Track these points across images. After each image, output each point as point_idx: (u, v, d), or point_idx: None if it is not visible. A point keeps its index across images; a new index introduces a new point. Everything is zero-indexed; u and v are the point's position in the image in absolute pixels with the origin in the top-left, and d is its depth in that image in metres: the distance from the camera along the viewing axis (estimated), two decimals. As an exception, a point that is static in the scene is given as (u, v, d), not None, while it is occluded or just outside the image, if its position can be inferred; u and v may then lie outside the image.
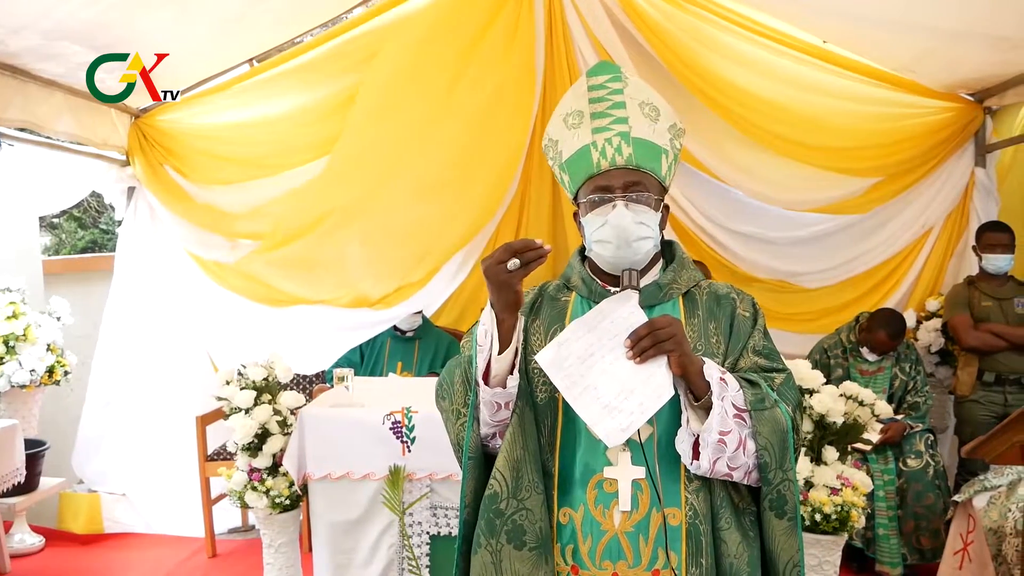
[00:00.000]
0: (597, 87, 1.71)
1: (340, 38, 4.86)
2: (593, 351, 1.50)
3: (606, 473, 1.58)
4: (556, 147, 1.74)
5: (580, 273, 1.76)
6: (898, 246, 5.13)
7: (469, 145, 4.88)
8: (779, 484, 1.57)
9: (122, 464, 5.06)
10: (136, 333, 5.08)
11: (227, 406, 3.81)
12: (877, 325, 4.49)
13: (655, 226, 1.66)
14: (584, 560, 1.57)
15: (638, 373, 1.48)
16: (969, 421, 4.54)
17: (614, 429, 1.45)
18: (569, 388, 1.48)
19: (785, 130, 4.92)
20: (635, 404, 1.45)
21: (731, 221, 5.10)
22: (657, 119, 1.69)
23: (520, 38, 4.85)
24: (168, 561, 4.57)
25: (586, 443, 1.61)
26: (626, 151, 1.63)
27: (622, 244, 1.61)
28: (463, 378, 1.66)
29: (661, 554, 1.55)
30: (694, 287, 1.74)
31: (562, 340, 1.51)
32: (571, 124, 1.70)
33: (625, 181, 1.63)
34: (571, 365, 1.49)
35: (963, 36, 4.22)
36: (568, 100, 1.77)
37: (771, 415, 1.56)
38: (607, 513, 1.57)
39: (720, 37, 4.81)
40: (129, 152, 4.99)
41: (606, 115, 1.67)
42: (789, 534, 1.60)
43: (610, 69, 1.76)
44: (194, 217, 5.01)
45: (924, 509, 4.19)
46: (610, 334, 1.51)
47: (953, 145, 4.99)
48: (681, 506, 1.57)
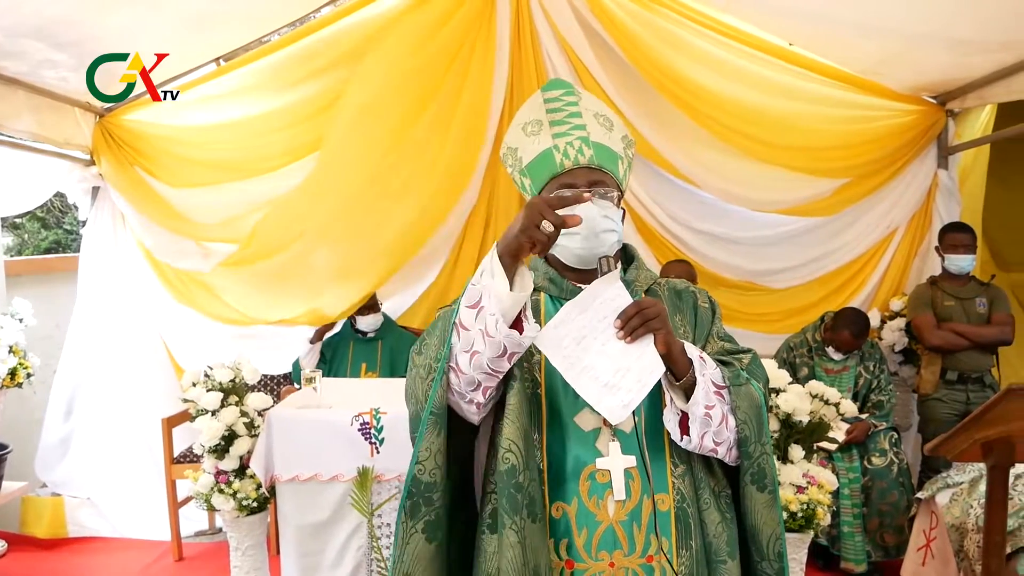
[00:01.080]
0: (553, 99, 1.77)
1: (308, 38, 4.83)
2: (586, 333, 1.53)
3: (598, 464, 1.61)
4: (516, 154, 1.78)
5: (547, 273, 1.77)
6: (864, 246, 5.20)
7: (427, 149, 4.88)
8: (759, 458, 1.64)
9: (87, 467, 5.00)
10: (101, 335, 5.02)
11: (193, 408, 3.78)
12: (841, 324, 4.55)
13: (619, 223, 1.70)
14: (580, 553, 1.59)
15: (629, 352, 1.52)
16: (932, 419, 4.60)
17: (616, 406, 1.49)
18: (568, 369, 1.52)
19: (753, 131, 4.96)
20: (632, 381, 1.50)
21: (698, 222, 5.13)
22: (612, 129, 1.75)
23: (481, 40, 4.86)
24: (134, 565, 4.52)
25: (575, 436, 1.63)
26: (588, 152, 1.69)
27: (590, 235, 1.63)
28: (443, 329, 1.59)
29: (654, 540, 1.60)
30: (654, 284, 1.80)
31: (558, 321, 1.54)
32: (530, 132, 1.75)
33: (589, 179, 1.67)
34: (568, 346, 1.52)
35: (925, 40, 4.29)
36: (525, 112, 1.81)
37: (747, 391, 1.64)
38: (601, 504, 1.60)
39: (688, 39, 4.84)
40: (95, 152, 4.93)
41: (565, 123, 1.72)
42: (770, 507, 1.67)
43: (563, 85, 1.82)
44: (165, 221, 4.96)
45: (888, 506, 4.25)
46: (600, 315, 1.54)
47: (918, 147, 5.06)
48: (669, 491, 1.63)
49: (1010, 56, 4.20)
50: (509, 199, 5.13)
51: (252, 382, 4.00)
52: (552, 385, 1.66)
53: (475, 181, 5.05)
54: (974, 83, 4.65)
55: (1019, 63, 4.18)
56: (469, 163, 4.97)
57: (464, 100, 4.88)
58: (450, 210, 5.03)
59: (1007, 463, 2.31)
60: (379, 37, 4.78)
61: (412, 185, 4.89)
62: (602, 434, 1.63)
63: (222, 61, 4.98)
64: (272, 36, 5.02)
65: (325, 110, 4.88)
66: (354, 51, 4.80)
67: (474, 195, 5.10)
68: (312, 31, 4.84)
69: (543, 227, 1.42)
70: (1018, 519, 3.20)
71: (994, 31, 4.00)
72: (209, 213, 5.02)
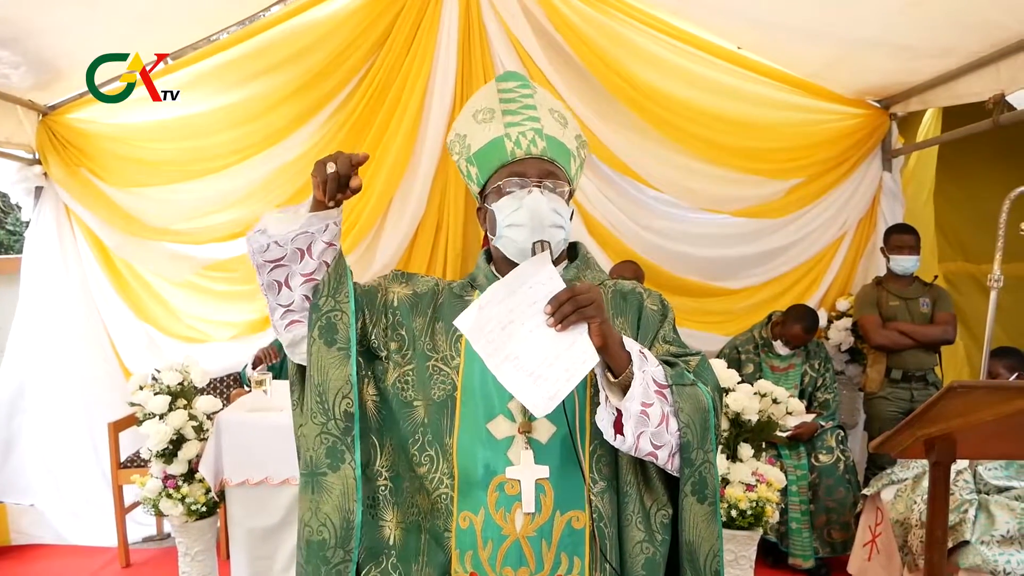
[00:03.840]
0: (507, 90, 1.72)
1: (257, 38, 4.77)
2: (513, 317, 1.42)
3: (508, 473, 1.52)
4: (463, 141, 1.71)
5: (485, 271, 1.73)
6: (817, 248, 5.26)
7: (366, 147, 4.84)
8: (700, 466, 1.51)
9: (30, 473, 4.89)
10: (45, 337, 4.90)
11: (140, 412, 3.73)
12: (792, 320, 4.65)
13: (568, 218, 1.64)
14: (483, 566, 1.51)
15: (560, 340, 1.40)
16: (877, 417, 4.69)
17: (542, 398, 1.36)
18: (491, 355, 1.40)
19: (704, 132, 5.00)
20: (560, 371, 1.38)
21: (652, 222, 5.14)
22: (566, 126, 1.70)
23: (423, 37, 4.84)
24: (79, 573, 4.44)
25: (487, 443, 1.55)
26: (540, 144, 1.63)
27: (536, 227, 1.57)
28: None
29: (564, 559, 1.51)
30: (599, 286, 1.69)
31: (483, 303, 1.43)
32: (481, 119, 1.69)
33: (540, 170, 1.62)
34: (492, 331, 1.41)
35: (869, 45, 4.36)
36: (478, 99, 1.75)
37: (692, 392, 1.52)
38: (508, 517, 1.51)
39: (638, 41, 4.87)
40: (40, 151, 4.82)
41: (518, 113, 1.66)
42: (710, 521, 1.55)
43: (518, 78, 1.77)
44: (115, 222, 4.88)
45: (835, 503, 4.32)
46: (529, 300, 1.43)
47: (865, 149, 5.15)
48: (585, 508, 1.52)
49: (951, 62, 4.29)
50: (459, 204, 5.08)
51: (201, 385, 3.95)
52: (469, 387, 1.59)
53: (416, 185, 4.97)
54: (916, 87, 4.75)
55: (960, 68, 4.27)
56: (400, 165, 4.93)
57: (404, 101, 4.86)
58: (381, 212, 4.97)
59: (949, 460, 2.35)
60: (327, 36, 4.75)
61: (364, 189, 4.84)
62: (515, 442, 1.54)
63: (170, 60, 4.90)
64: (221, 35, 4.95)
65: (272, 109, 4.83)
66: (302, 50, 4.75)
67: (420, 200, 5.00)
68: (261, 30, 4.78)
69: (328, 166, 1.45)
70: (959, 514, 3.28)
71: (934, 37, 4.08)
72: (157, 214, 4.94)
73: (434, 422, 1.58)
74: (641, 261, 5.01)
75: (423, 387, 1.61)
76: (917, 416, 2.29)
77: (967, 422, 2.23)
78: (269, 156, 4.90)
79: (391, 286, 1.71)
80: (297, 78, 4.79)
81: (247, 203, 4.94)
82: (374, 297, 1.68)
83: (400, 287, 1.71)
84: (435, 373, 1.60)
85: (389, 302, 1.68)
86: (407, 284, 1.73)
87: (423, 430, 1.59)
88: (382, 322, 1.66)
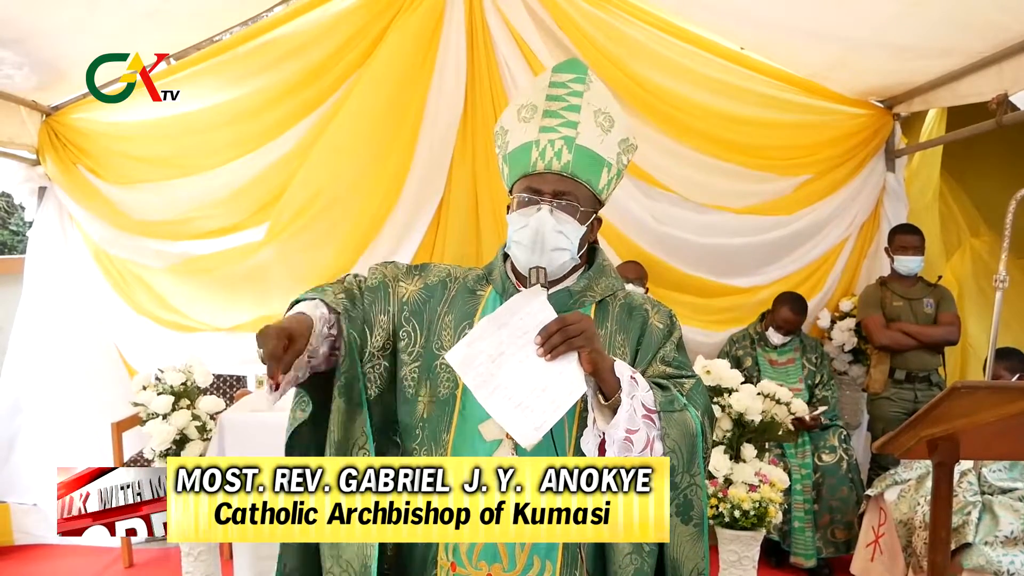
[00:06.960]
0: (558, 84, 1.69)
1: (261, 38, 4.77)
2: (503, 349, 1.45)
3: None
4: (505, 136, 1.72)
5: (499, 269, 1.74)
6: (824, 247, 5.23)
7: (363, 152, 4.85)
8: (686, 488, 1.55)
9: (33, 473, 4.88)
10: (48, 336, 4.91)
11: (144, 412, 3.73)
12: (780, 303, 4.77)
13: (575, 239, 1.64)
14: (462, 558, 1.57)
15: (549, 370, 1.43)
16: (881, 417, 4.68)
17: (528, 428, 1.39)
18: (480, 387, 1.43)
19: (710, 129, 4.98)
20: (547, 402, 1.41)
21: (660, 220, 5.09)
22: (609, 130, 1.67)
23: (426, 36, 4.82)
24: (82, 573, 4.45)
25: (477, 444, 1.59)
26: (565, 157, 1.61)
27: (536, 249, 1.59)
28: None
29: (537, 561, 1.55)
30: (609, 296, 1.71)
31: (472, 339, 1.47)
32: (523, 117, 1.68)
33: (555, 188, 1.61)
34: (481, 363, 1.44)
35: (871, 46, 4.35)
36: (527, 91, 1.76)
37: (680, 418, 1.53)
38: None
39: (641, 40, 4.85)
40: (40, 151, 4.82)
41: (558, 115, 1.64)
42: (694, 541, 1.58)
43: (577, 68, 1.73)
44: (110, 218, 4.87)
45: (838, 503, 4.32)
46: (520, 331, 1.46)
47: (870, 148, 5.13)
48: None
49: (953, 62, 4.28)
50: (459, 204, 5.04)
51: (204, 385, 3.95)
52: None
53: (409, 186, 4.96)
54: (919, 88, 4.74)
55: (963, 69, 4.26)
56: (402, 169, 4.91)
57: (404, 100, 4.85)
58: (387, 215, 4.95)
59: (952, 460, 2.35)
60: (328, 35, 4.75)
61: (362, 187, 4.86)
62: (502, 446, 1.57)
63: (172, 60, 4.90)
64: (224, 35, 4.96)
65: (270, 106, 4.82)
66: (300, 46, 4.75)
67: (433, 199, 5.00)
68: (266, 30, 4.78)
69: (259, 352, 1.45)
70: (962, 516, 3.27)
71: (936, 38, 4.07)
72: (152, 210, 4.94)
73: (434, 418, 1.62)
74: (649, 259, 5.00)
75: (430, 383, 1.64)
76: (920, 417, 2.28)
77: (970, 423, 2.23)
78: (267, 151, 4.89)
79: (401, 281, 1.74)
80: (296, 74, 4.77)
81: (238, 199, 4.94)
82: (381, 296, 1.71)
83: (411, 283, 1.74)
84: (442, 371, 1.62)
85: (400, 297, 1.71)
86: (419, 277, 1.75)
87: (423, 424, 1.63)
88: (390, 325, 1.69)
